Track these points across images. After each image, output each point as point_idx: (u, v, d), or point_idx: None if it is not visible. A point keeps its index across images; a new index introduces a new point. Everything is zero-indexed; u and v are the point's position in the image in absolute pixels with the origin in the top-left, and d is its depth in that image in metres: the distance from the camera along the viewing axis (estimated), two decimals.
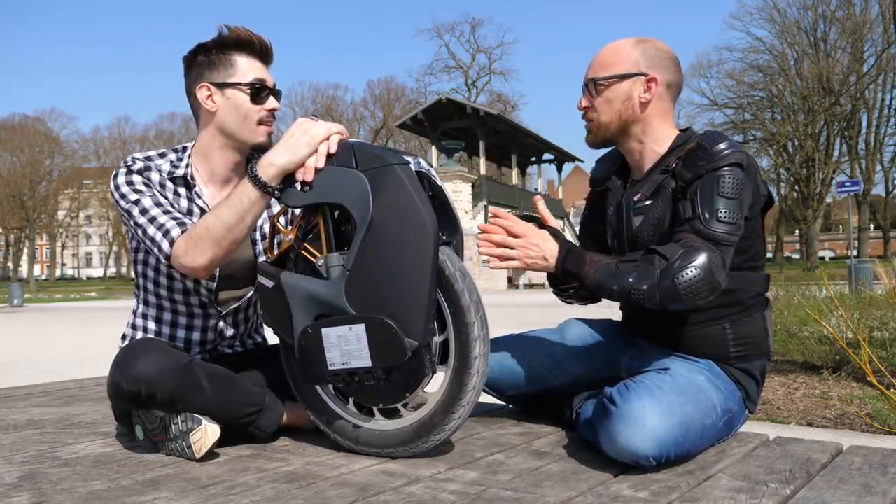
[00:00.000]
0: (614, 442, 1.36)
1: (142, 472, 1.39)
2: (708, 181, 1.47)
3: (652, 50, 1.61)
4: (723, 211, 1.45)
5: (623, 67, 1.60)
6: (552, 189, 44.44)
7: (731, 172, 1.47)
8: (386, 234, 1.36)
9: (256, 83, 1.64)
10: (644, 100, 1.60)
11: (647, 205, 1.60)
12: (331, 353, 1.42)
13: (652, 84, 1.59)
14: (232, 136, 1.66)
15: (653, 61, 1.60)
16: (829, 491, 1.24)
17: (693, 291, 1.40)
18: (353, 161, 1.42)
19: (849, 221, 22.31)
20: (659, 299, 1.43)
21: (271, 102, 1.67)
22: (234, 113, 1.64)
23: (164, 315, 1.73)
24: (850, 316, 4.19)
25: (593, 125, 1.65)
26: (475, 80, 51.62)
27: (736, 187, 1.46)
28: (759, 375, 1.62)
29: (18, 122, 50.43)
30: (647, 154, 1.64)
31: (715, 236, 1.44)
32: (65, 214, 55.05)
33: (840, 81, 34.29)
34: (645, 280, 1.43)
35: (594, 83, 1.62)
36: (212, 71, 1.65)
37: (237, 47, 1.65)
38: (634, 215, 1.63)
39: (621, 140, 1.66)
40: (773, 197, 1.63)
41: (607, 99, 1.61)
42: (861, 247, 33.13)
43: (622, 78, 1.60)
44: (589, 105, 1.65)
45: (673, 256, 1.42)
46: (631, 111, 1.61)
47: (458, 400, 1.41)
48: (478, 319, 1.41)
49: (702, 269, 1.40)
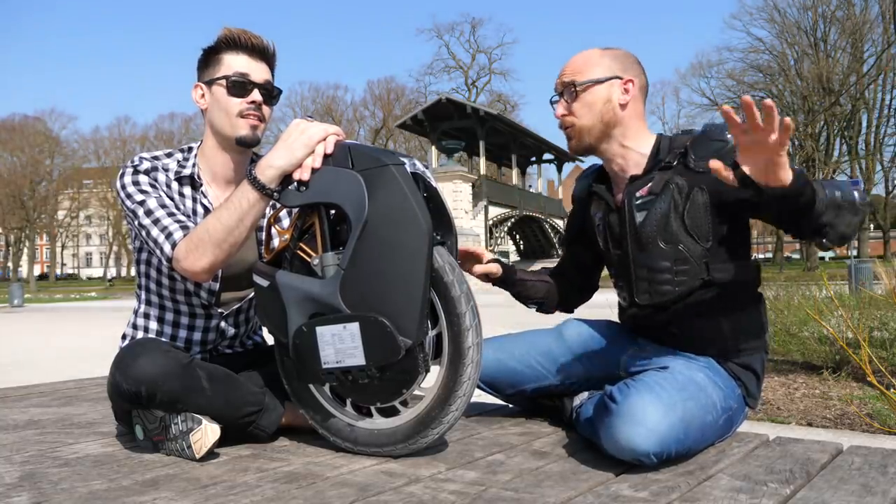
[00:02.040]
0: (615, 440, 1.36)
1: (142, 472, 1.39)
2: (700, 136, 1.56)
3: (621, 55, 1.66)
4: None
5: (598, 72, 1.63)
6: (552, 189, 44.46)
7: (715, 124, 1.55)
8: (381, 233, 1.37)
9: (234, 76, 1.63)
10: (623, 101, 1.63)
11: (650, 200, 1.59)
12: (325, 351, 1.43)
13: (629, 85, 1.63)
14: (219, 133, 1.68)
15: (624, 65, 1.65)
16: (829, 491, 1.24)
17: (867, 204, 1.39)
18: (349, 161, 1.43)
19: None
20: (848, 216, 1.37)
21: (253, 95, 1.64)
22: (217, 108, 1.66)
23: (166, 315, 1.73)
24: (850, 316, 4.19)
25: (574, 131, 1.66)
26: (475, 80, 51.71)
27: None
28: (758, 369, 1.63)
29: (18, 122, 50.43)
30: (631, 157, 1.65)
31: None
32: (65, 214, 55.05)
33: (840, 81, 34.30)
34: (835, 188, 1.38)
35: (573, 87, 1.63)
36: (204, 71, 1.68)
37: (226, 45, 1.66)
38: (637, 211, 1.63)
39: (603, 145, 1.67)
40: None
41: (587, 103, 1.63)
42: (861, 247, 33.12)
43: (600, 82, 1.62)
44: (566, 112, 1.66)
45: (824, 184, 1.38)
46: (612, 113, 1.63)
47: (454, 392, 1.42)
48: (469, 309, 1.41)
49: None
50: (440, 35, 59.69)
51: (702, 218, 1.55)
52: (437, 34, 57.39)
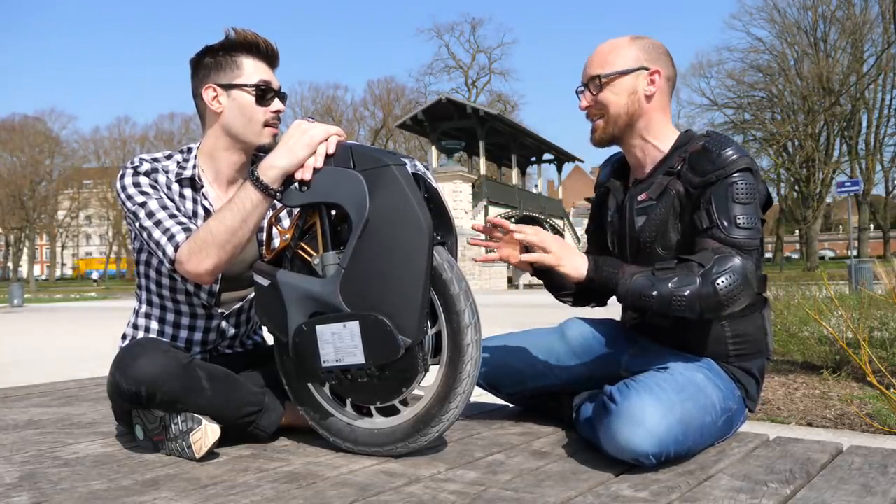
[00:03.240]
0: (614, 440, 1.36)
1: (142, 472, 1.39)
2: (721, 189, 1.48)
3: (649, 45, 1.63)
4: (741, 217, 1.46)
5: (625, 63, 1.60)
6: (552, 189, 44.44)
7: (743, 178, 1.48)
8: (381, 233, 1.38)
9: (262, 85, 1.64)
10: (649, 93, 1.61)
11: (650, 205, 1.60)
12: (325, 350, 1.43)
13: (655, 76, 1.61)
14: (237, 138, 1.67)
15: (651, 55, 1.62)
16: (829, 491, 1.24)
17: (732, 296, 1.41)
18: (350, 162, 1.43)
19: (849, 221, 22.30)
20: (699, 308, 1.43)
21: (276, 104, 1.67)
22: (239, 114, 1.65)
23: (167, 315, 1.73)
24: (850, 316, 4.19)
25: (600, 123, 1.64)
26: (475, 80, 51.68)
27: (750, 192, 1.48)
28: (758, 374, 1.63)
29: (18, 122, 50.42)
30: (650, 152, 1.64)
31: (737, 243, 1.45)
32: (65, 214, 55.04)
33: (840, 81, 34.29)
34: (686, 286, 1.43)
35: (598, 80, 1.61)
36: (218, 72, 1.65)
37: (243, 49, 1.65)
38: (637, 215, 1.63)
39: (626, 137, 1.65)
40: (772, 197, 1.64)
41: (613, 93, 1.61)
42: (861, 247, 33.12)
43: (625, 73, 1.60)
44: (591, 104, 1.64)
45: (708, 263, 1.43)
46: (637, 105, 1.61)
47: (453, 389, 1.42)
48: (468, 307, 1.42)
49: (738, 273, 1.42)
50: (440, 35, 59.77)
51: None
52: (437, 34, 57.41)
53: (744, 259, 1.43)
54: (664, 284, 1.45)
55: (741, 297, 1.43)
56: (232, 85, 1.64)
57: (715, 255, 1.44)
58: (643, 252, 1.61)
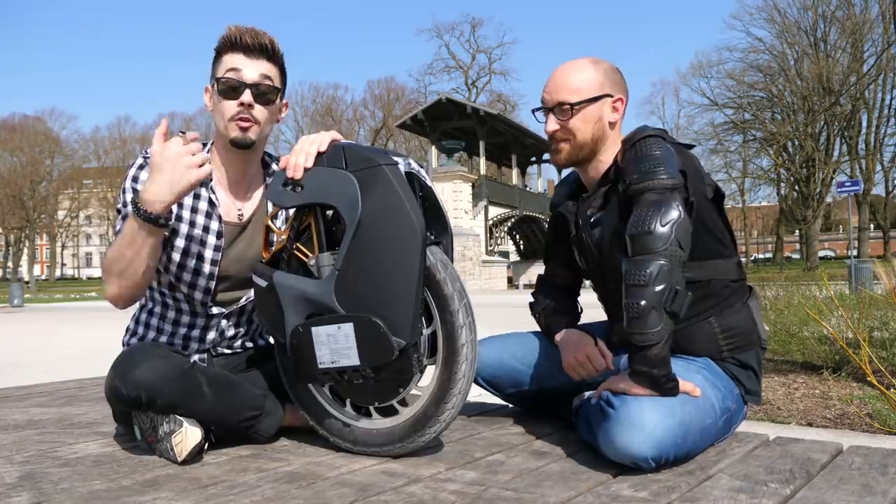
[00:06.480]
0: (613, 444, 1.36)
1: (142, 472, 1.39)
2: (630, 154, 1.53)
3: (609, 70, 1.66)
4: (645, 164, 1.46)
5: (589, 89, 1.63)
6: (552, 189, 44.39)
7: (645, 141, 1.51)
8: (374, 233, 1.38)
9: (223, 78, 1.61)
10: (613, 120, 1.65)
11: (600, 216, 1.63)
12: (320, 351, 1.43)
13: (618, 104, 1.65)
14: (219, 134, 1.68)
15: (612, 80, 1.65)
16: (829, 491, 1.24)
17: (652, 278, 1.35)
18: (343, 162, 1.43)
19: (849, 221, 22.28)
20: (652, 305, 1.35)
21: (244, 97, 1.61)
22: (215, 110, 1.66)
23: (168, 313, 1.72)
24: (850, 316, 4.19)
25: (566, 146, 1.66)
26: (475, 80, 51.73)
27: (654, 146, 1.49)
28: (755, 365, 1.63)
29: (18, 122, 50.52)
30: (601, 168, 1.67)
31: (647, 186, 1.43)
32: (65, 214, 55.08)
33: (840, 81, 34.30)
34: (632, 316, 1.36)
35: (568, 108, 1.62)
36: (212, 72, 1.67)
37: (228, 45, 1.64)
38: (591, 228, 1.66)
39: (586, 159, 1.68)
40: (722, 190, 1.65)
41: (582, 121, 1.63)
42: (861, 247, 33.13)
43: (593, 101, 1.62)
44: (559, 128, 1.65)
45: (631, 279, 1.37)
46: (602, 132, 1.64)
47: (449, 390, 1.42)
48: (462, 307, 1.42)
49: (659, 266, 1.35)
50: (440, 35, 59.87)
51: None
52: (437, 34, 57.55)
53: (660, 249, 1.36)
54: (634, 335, 1.37)
55: (671, 278, 1.35)
56: (212, 82, 1.65)
57: (627, 265, 1.39)
58: (606, 261, 1.63)
